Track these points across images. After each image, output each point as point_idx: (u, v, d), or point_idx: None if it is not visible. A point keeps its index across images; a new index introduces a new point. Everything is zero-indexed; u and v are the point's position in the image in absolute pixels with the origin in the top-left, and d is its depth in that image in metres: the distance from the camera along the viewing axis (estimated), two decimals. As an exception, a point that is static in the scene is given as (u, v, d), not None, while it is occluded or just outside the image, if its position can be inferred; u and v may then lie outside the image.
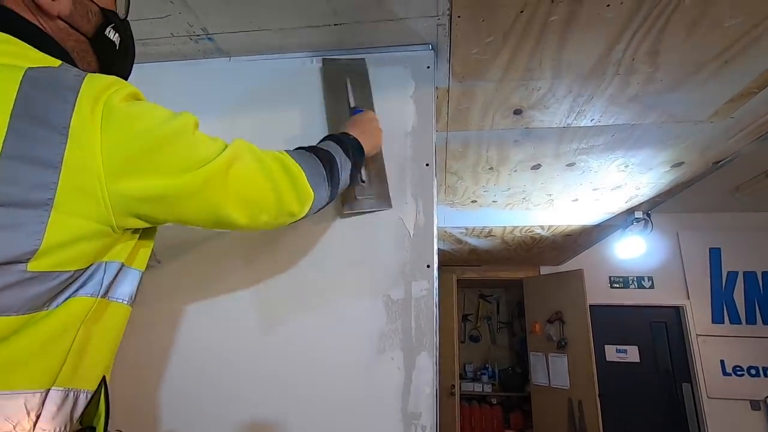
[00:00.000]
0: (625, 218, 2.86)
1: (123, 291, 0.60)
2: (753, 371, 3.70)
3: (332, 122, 1.13)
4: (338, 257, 1.04)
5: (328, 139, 0.89)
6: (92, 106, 0.50)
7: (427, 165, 1.08)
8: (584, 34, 1.10)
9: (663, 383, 3.95)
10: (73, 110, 0.49)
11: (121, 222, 0.54)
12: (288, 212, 0.72)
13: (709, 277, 3.94)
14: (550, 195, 2.44)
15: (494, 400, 5.28)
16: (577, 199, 2.49)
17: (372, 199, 1.05)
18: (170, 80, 1.23)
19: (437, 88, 1.32)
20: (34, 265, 0.47)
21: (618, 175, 2.13)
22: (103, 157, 0.50)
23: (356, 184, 1.03)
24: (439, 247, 1.10)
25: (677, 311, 4.02)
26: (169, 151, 0.56)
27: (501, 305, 6.00)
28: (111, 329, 0.59)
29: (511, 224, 2.96)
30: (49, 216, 0.47)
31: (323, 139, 0.90)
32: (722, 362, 3.75)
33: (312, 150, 0.82)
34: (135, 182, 0.53)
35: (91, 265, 0.54)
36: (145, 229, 0.62)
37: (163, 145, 0.55)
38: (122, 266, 0.58)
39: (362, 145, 0.93)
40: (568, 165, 2.01)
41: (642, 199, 2.50)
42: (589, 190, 2.34)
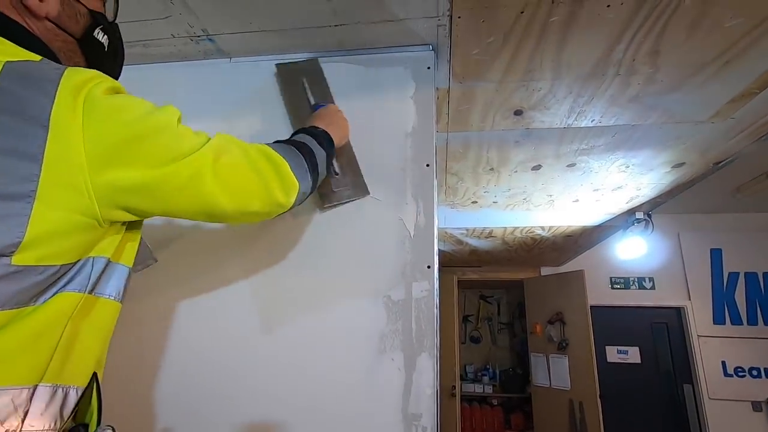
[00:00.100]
0: (626, 219, 2.86)
1: (111, 287, 0.59)
2: (754, 372, 3.70)
3: (296, 122, 1.14)
4: (339, 257, 1.04)
5: (299, 132, 0.90)
6: (73, 98, 0.50)
7: (428, 166, 1.08)
8: (585, 35, 1.11)
9: (664, 384, 3.94)
10: (53, 102, 0.49)
11: (107, 214, 0.54)
12: (276, 202, 0.72)
13: (710, 277, 3.93)
14: (550, 196, 2.44)
15: (495, 401, 5.27)
16: (577, 200, 2.49)
17: (348, 189, 1.06)
18: (171, 81, 1.23)
19: (437, 88, 1.32)
20: (18, 259, 0.47)
21: (619, 176, 2.13)
22: (86, 148, 0.50)
23: (331, 177, 1.04)
24: (439, 248, 1.10)
25: (678, 312, 4.01)
26: (154, 142, 0.56)
27: (502, 306, 6.00)
28: (100, 325, 0.59)
29: (512, 225, 2.95)
30: (32, 208, 0.47)
31: (295, 134, 0.91)
32: (723, 363, 3.75)
33: (290, 142, 0.83)
34: (120, 173, 0.53)
35: (79, 260, 0.54)
36: (131, 223, 0.62)
37: (148, 136, 0.55)
38: (109, 262, 0.58)
39: (331, 136, 0.94)
40: (568, 166, 2.01)
41: (643, 199, 2.50)
42: (590, 191, 2.34)
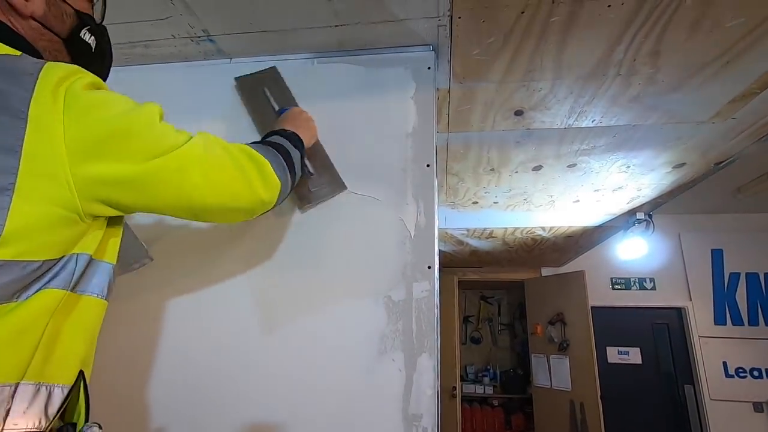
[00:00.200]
0: (627, 219, 2.85)
1: (94, 285, 0.59)
2: (756, 373, 3.69)
3: (262, 130, 1.13)
4: (339, 258, 1.04)
5: (271, 135, 0.90)
6: (53, 91, 0.50)
7: (428, 166, 1.08)
8: (585, 35, 1.10)
9: (665, 385, 3.94)
10: (31, 95, 0.49)
11: (88, 208, 0.54)
12: (259, 199, 0.73)
13: (711, 278, 3.93)
14: (551, 196, 2.44)
15: (496, 402, 5.27)
16: (578, 200, 2.49)
17: (326, 187, 1.07)
18: (171, 82, 1.23)
19: (438, 89, 1.32)
20: None
21: (619, 176, 2.12)
22: (66, 141, 0.50)
23: (306, 177, 1.05)
24: (440, 249, 1.09)
25: (679, 312, 4.00)
26: (137, 138, 0.56)
27: (502, 307, 6.00)
28: (84, 323, 0.58)
29: (512, 225, 2.95)
30: (11, 201, 0.47)
31: (266, 136, 0.90)
32: (724, 364, 3.74)
33: (266, 143, 0.83)
34: (102, 166, 0.53)
35: (63, 257, 0.54)
36: (113, 218, 0.62)
37: (131, 132, 0.56)
38: (91, 259, 0.58)
39: (301, 137, 0.93)
40: (569, 166, 2.01)
41: (643, 200, 2.49)
42: (591, 191, 2.34)
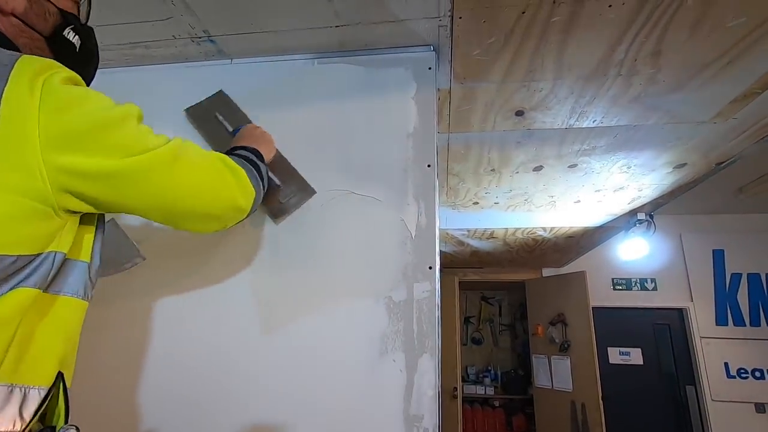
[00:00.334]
0: (628, 220, 2.85)
1: (70, 284, 0.58)
2: (757, 374, 3.68)
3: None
4: (340, 258, 1.04)
5: (233, 152, 0.88)
6: (29, 82, 0.50)
7: (429, 166, 1.08)
8: (586, 35, 1.10)
9: (666, 386, 3.93)
10: (5, 84, 0.49)
11: (62, 201, 0.53)
12: (235, 206, 0.73)
13: (713, 278, 3.92)
14: (552, 196, 2.44)
15: (497, 403, 5.26)
16: (579, 201, 2.49)
17: (295, 196, 1.08)
18: (172, 82, 1.23)
19: (439, 89, 1.32)
20: None
21: (620, 177, 2.12)
22: (40, 131, 0.50)
23: (275, 190, 1.06)
24: (440, 249, 1.09)
25: (680, 313, 4.00)
26: (113, 135, 0.56)
27: (503, 307, 5.99)
28: (61, 324, 0.57)
29: (513, 226, 2.95)
30: None
31: (228, 153, 0.87)
32: (726, 364, 3.73)
33: (237, 155, 0.83)
34: (74, 158, 0.53)
35: (40, 254, 0.53)
36: (88, 216, 0.61)
37: (107, 128, 0.56)
38: (66, 258, 0.57)
39: (260, 152, 0.93)
40: (570, 166, 2.00)
41: (645, 200, 2.49)
42: (592, 192, 2.34)
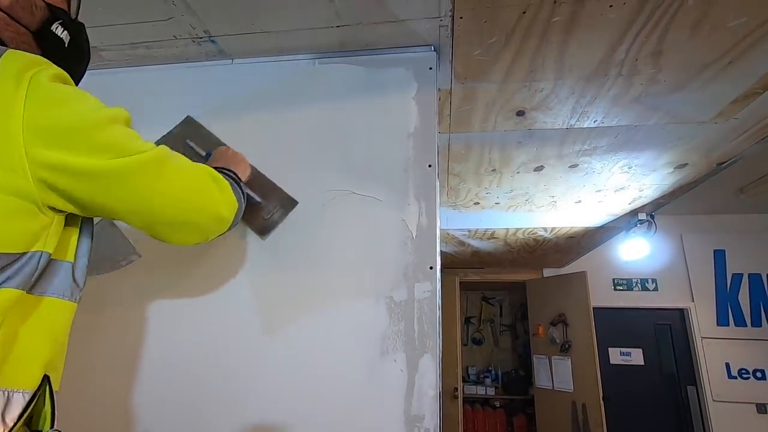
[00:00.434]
0: (629, 220, 2.85)
1: (56, 286, 0.57)
2: (759, 374, 3.67)
3: None
4: (340, 258, 1.04)
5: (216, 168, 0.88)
6: (16, 78, 0.50)
7: (430, 166, 1.08)
8: (587, 35, 1.10)
9: (667, 386, 3.92)
10: None
11: (45, 198, 0.53)
12: (218, 215, 0.73)
13: (714, 279, 3.91)
14: (553, 197, 2.43)
15: (497, 404, 5.25)
16: (580, 201, 2.49)
17: (278, 210, 1.08)
18: (173, 83, 1.23)
19: (439, 89, 1.32)
20: None
21: (621, 177, 2.12)
22: (24, 125, 0.50)
23: (257, 208, 1.06)
24: (441, 250, 1.09)
25: (681, 313, 3.99)
26: (103, 135, 0.56)
27: (504, 308, 5.98)
28: (47, 326, 0.56)
29: (514, 226, 2.95)
30: None
31: None
32: (727, 365, 3.72)
33: (219, 170, 0.83)
34: (58, 154, 0.52)
35: (26, 253, 0.52)
36: (72, 216, 0.61)
37: (94, 128, 0.55)
38: (51, 259, 0.56)
39: (236, 172, 0.92)
40: (571, 166, 2.00)
41: (645, 200, 2.49)
42: (592, 192, 2.33)
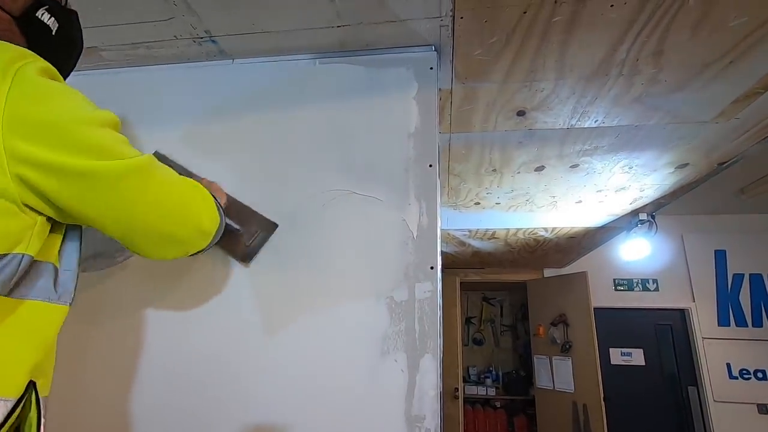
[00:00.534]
0: (630, 220, 2.84)
1: (39, 288, 0.55)
2: (760, 374, 3.66)
3: None
4: (341, 258, 1.04)
5: None
6: (1, 70, 0.50)
7: (431, 166, 1.08)
8: (588, 35, 1.10)
9: (668, 386, 3.91)
10: None
11: (24, 195, 0.51)
12: (201, 229, 0.70)
13: (715, 279, 3.91)
14: (553, 197, 2.43)
15: (498, 404, 5.25)
16: (580, 201, 2.48)
17: (258, 235, 1.06)
18: (174, 83, 1.23)
19: (440, 89, 1.32)
20: None
21: (622, 177, 2.12)
22: (4, 116, 0.48)
23: (237, 236, 1.04)
24: (442, 250, 1.09)
25: (682, 314, 3.98)
26: (88, 134, 0.54)
27: (504, 308, 5.98)
28: (30, 331, 0.54)
29: (515, 226, 2.95)
30: None
31: None
32: (728, 365, 3.72)
33: None
34: (37, 148, 0.50)
35: (6, 255, 0.51)
36: (56, 222, 0.59)
37: (82, 126, 0.54)
38: (33, 261, 0.54)
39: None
40: (571, 166, 2.00)
41: (646, 200, 2.48)
42: (593, 192, 2.33)
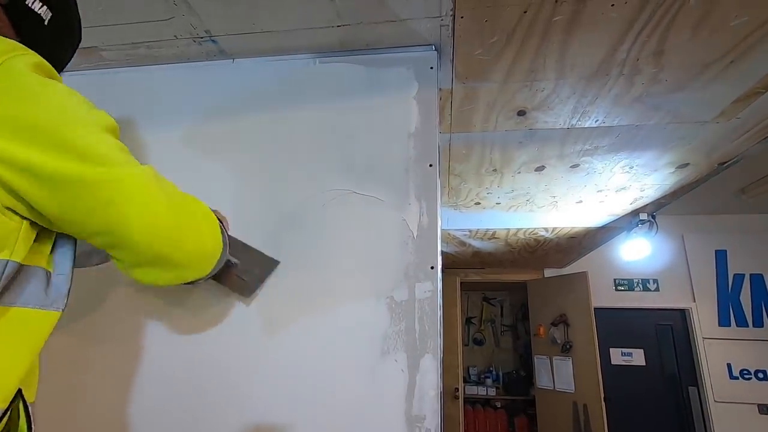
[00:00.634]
0: (630, 220, 2.84)
1: (27, 295, 0.52)
2: (760, 375, 3.66)
3: None
4: (341, 258, 1.04)
5: None
6: None
7: (431, 166, 1.08)
8: (588, 34, 1.10)
9: (669, 387, 3.91)
10: None
11: (3, 198, 0.48)
12: (201, 253, 0.63)
13: (715, 279, 3.90)
14: (554, 197, 2.43)
15: (498, 404, 5.25)
16: (581, 201, 2.48)
17: (257, 270, 1.01)
18: (174, 83, 1.23)
19: (440, 89, 1.32)
20: None
21: (622, 177, 2.12)
22: None
23: (234, 270, 0.99)
24: (442, 250, 1.09)
25: (683, 314, 3.98)
26: (83, 136, 0.50)
27: (505, 308, 5.98)
28: (17, 339, 0.51)
29: (515, 226, 2.94)
30: None
31: None
32: (729, 365, 3.71)
33: None
34: (21, 149, 0.47)
35: None
36: (43, 230, 0.55)
37: (77, 127, 0.50)
38: (21, 266, 0.51)
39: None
40: (572, 166, 2.00)
41: (647, 200, 2.48)
42: (594, 192, 2.33)
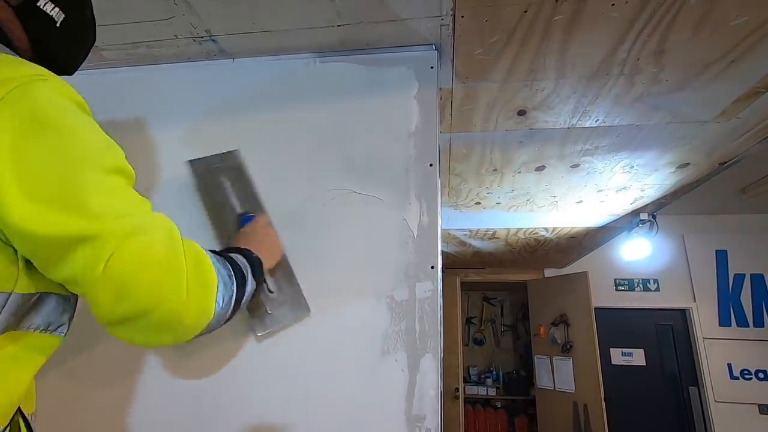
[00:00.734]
0: (630, 220, 2.84)
1: (32, 322, 0.51)
2: (761, 375, 3.66)
3: (218, 231, 1.02)
4: (341, 258, 1.04)
5: (235, 253, 0.75)
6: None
7: (431, 165, 1.08)
8: (589, 34, 1.10)
9: (669, 387, 3.91)
10: None
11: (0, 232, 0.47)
12: (175, 322, 0.55)
13: (716, 279, 3.90)
14: (554, 197, 2.43)
15: (499, 404, 5.25)
16: (581, 201, 2.48)
17: (287, 310, 0.95)
18: (174, 82, 1.23)
19: (441, 88, 1.32)
20: None
21: (623, 177, 2.11)
22: None
23: (264, 296, 0.92)
24: (442, 250, 1.09)
25: (683, 314, 3.98)
26: (83, 187, 0.49)
27: (505, 308, 5.98)
28: (21, 364, 0.51)
29: (515, 226, 2.94)
30: None
31: (229, 250, 0.77)
32: (729, 366, 3.71)
33: (229, 261, 0.69)
34: (15, 193, 0.45)
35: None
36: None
37: (80, 175, 0.49)
38: (23, 296, 0.50)
39: (263, 262, 0.82)
40: (572, 166, 2.00)
41: (647, 200, 2.48)
42: (594, 192, 2.33)
